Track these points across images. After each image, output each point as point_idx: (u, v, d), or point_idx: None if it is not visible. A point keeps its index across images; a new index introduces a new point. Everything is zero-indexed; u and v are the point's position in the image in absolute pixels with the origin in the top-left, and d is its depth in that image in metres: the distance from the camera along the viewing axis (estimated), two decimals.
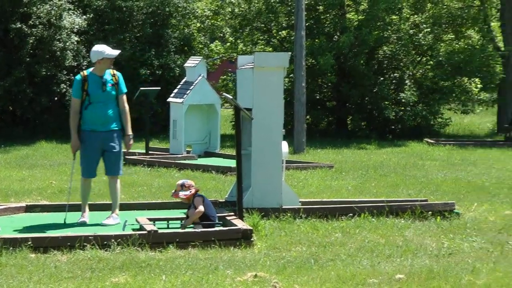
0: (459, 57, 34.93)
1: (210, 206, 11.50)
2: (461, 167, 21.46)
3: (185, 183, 11.60)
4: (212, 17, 36.12)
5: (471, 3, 36.99)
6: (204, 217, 11.22)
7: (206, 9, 36.36)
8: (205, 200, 11.45)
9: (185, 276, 8.60)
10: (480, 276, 8.52)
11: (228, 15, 34.96)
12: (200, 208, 11.18)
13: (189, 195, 11.43)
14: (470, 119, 40.81)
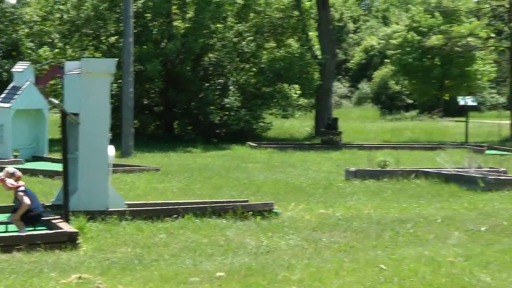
0: (279, 64, 35.70)
1: (34, 197, 11.31)
2: (281, 169, 21.93)
3: (15, 173, 11.31)
4: (41, 23, 35.28)
5: (291, 14, 37.80)
6: (28, 209, 11.04)
7: (35, 15, 35.50)
8: (28, 193, 11.24)
9: (8, 280, 8.37)
10: (295, 272, 8.73)
11: (57, 21, 34.26)
12: (26, 201, 10.96)
13: (14, 186, 11.14)
14: (290, 123, 41.69)
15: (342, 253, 9.92)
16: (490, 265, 9.11)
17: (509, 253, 9.78)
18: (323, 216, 12.99)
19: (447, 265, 9.05)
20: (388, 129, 42.26)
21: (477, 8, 44.28)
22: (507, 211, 13.61)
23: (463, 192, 16.35)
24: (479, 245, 10.45)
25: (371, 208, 14.01)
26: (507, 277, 8.50)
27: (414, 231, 11.53)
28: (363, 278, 8.42)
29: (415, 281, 8.30)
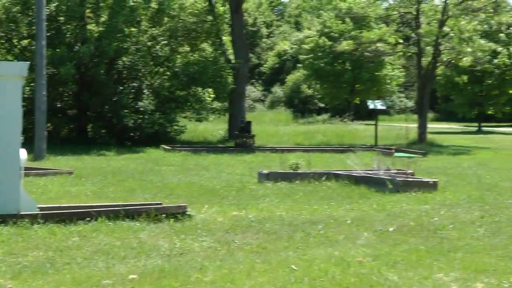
0: (193, 68, 35.71)
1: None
2: (194, 171, 21.90)
3: None
4: None
5: (204, 18, 37.88)
6: None
7: None
8: None
9: None
10: (207, 273, 8.74)
11: None
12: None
13: None
14: (204, 127, 41.69)
15: (254, 254, 9.96)
16: (397, 264, 9.28)
17: (416, 253, 9.98)
18: (236, 218, 13.02)
19: (356, 265, 9.18)
20: (301, 132, 42.64)
21: (386, 15, 45.02)
22: (414, 212, 13.88)
23: (372, 194, 16.60)
24: (387, 245, 10.63)
25: (283, 210, 14.11)
26: (413, 275, 8.67)
27: (325, 232, 11.65)
28: (275, 279, 8.48)
29: (325, 281, 8.40)
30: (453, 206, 14.81)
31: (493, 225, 12.47)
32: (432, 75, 40.28)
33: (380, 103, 38.82)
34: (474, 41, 38.44)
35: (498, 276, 8.71)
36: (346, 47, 41.62)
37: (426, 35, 38.85)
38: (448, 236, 11.43)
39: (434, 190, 17.03)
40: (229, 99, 39.18)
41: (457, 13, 38.04)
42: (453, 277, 8.63)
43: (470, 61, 39.41)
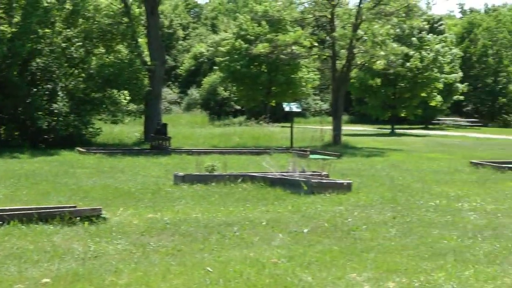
0: (109, 70, 35.40)
1: None
2: (110, 174, 21.70)
3: None
4: None
5: (120, 20, 37.55)
6: None
7: None
8: None
9: None
10: (122, 276, 8.69)
11: None
12: None
13: None
14: (120, 129, 41.32)
15: (169, 257, 9.94)
16: (311, 265, 9.38)
17: (329, 253, 10.10)
18: (151, 220, 12.97)
19: (271, 266, 9.25)
20: (217, 134, 42.64)
21: (301, 18, 45.35)
22: (328, 213, 14.04)
23: (287, 196, 16.72)
24: (302, 246, 10.73)
25: (199, 212, 14.11)
26: (327, 276, 8.78)
27: (240, 234, 11.69)
28: (190, 281, 8.49)
29: (240, 282, 8.44)
30: (366, 207, 15.03)
31: (405, 225, 12.71)
32: (347, 78, 40.78)
33: (295, 105, 39.10)
34: (387, 44, 39.07)
35: (409, 275, 8.88)
36: (262, 49, 41.80)
37: (340, 39, 39.30)
38: (361, 236, 11.60)
39: (348, 191, 17.25)
40: (145, 101, 38.95)
41: (371, 17, 38.58)
42: (365, 277, 8.77)
43: (383, 64, 40.06)
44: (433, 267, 9.28)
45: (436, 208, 15.01)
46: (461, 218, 13.59)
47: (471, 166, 25.24)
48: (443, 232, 11.97)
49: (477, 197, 16.85)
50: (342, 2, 42.17)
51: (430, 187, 18.91)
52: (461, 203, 15.84)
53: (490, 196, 17.21)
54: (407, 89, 59.30)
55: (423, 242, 11.12)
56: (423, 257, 10.00)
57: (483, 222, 13.24)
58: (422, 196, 16.97)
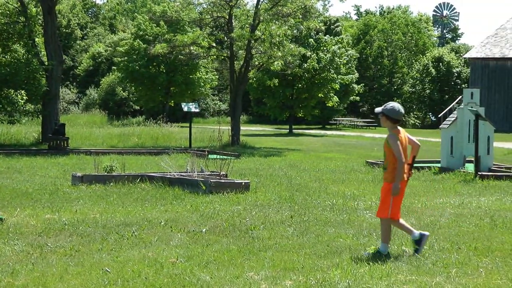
0: (5, 70, 34.70)
1: None
2: (7, 174, 21.30)
3: None
4: None
5: (16, 19, 36.83)
6: None
7: None
8: None
9: None
10: (19, 277, 8.56)
11: None
12: None
13: None
14: (17, 129, 40.52)
15: (67, 257, 9.84)
16: (209, 264, 9.44)
17: (227, 253, 10.17)
18: (49, 221, 12.79)
19: (169, 266, 9.26)
20: (115, 134, 42.27)
21: (199, 19, 45.40)
22: (226, 212, 14.12)
23: (186, 195, 16.73)
24: (200, 245, 10.77)
25: (97, 212, 13.99)
26: (225, 275, 8.84)
27: (139, 234, 11.66)
28: (88, 281, 8.43)
29: (138, 282, 8.43)
30: (264, 206, 15.17)
31: (302, 224, 12.88)
32: (245, 78, 41.00)
33: (194, 105, 39.08)
34: (285, 45, 39.46)
35: (306, 273, 9.02)
36: (160, 50, 41.66)
37: (238, 39, 39.49)
38: (259, 235, 11.71)
39: (246, 191, 17.38)
40: (43, 101, 38.31)
41: (268, 18, 38.89)
42: (263, 275, 8.86)
43: (281, 65, 40.44)
44: (329, 265, 9.45)
45: (333, 207, 15.26)
46: (356, 217, 13.86)
47: (367, 165, 25.75)
48: (339, 231, 12.18)
49: (373, 196, 17.19)
50: (239, 3, 42.38)
51: (327, 187, 19.20)
52: (357, 202, 16.14)
53: None
54: (304, 90, 59.92)
55: (320, 240, 11.30)
56: (319, 255, 10.16)
57: (378, 220, 13.47)
58: (319, 196, 17.22)
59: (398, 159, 10.04)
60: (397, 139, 10.12)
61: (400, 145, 10.08)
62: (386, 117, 10.25)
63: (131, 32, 69.02)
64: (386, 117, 10.26)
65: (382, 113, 10.31)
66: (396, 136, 10.17)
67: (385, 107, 10.36)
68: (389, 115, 10.22)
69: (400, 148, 10.04)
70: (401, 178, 10.11)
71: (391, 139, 10.14)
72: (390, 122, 10.25)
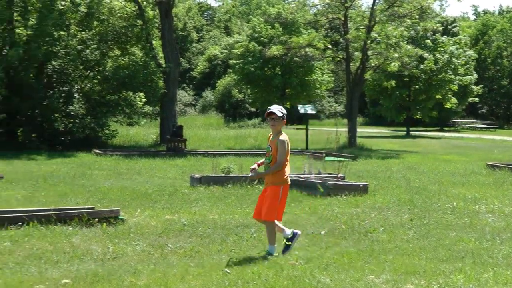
0: (124, 72, 35.51)
1: None
2: (126, 175, 21.78)
3: None
4: None
5: (134, 23, 37.65)
6: None
7: None
8: None
9: None
10: (141, 277, 8.70)
11: None
12: None
13: None
14: (136, 131, 41.43)
15: (187, 258, 9.96)
16: (329, 266, 9.37)
17: (347, 255, 10.08)
18: (168, 222, 12.99)
19: (288, 268, 9.23)
20: (232, 136, 42.70)
21: (314, 20, 45.35)
22: (345, 215, 14.03)
23: (304, 197, 16.72)
24: (319, 248, 10.72)
25: (216, 213, 14.13)
26: (345, 277, 8.76)
27: (258, 236, 11.70)
28: (208, 282, 8.49)
29: (258, 283, 8.44)
30: (383, 209, 15.01)
31: (422, 227, 12.67)
32: (361, 80, 40.73)
33: (310, 107, 39.08)
34: (401, 46, 39.02)
35: (428, 277, 8.85)
36: (276, 52, 41.83)
37: (354, 41, 39.30)
38: (379, 238, 11.58)
39: (365, 193, 17.24)
40: (160, 103, 39.04)
41: (384, 19, 38.55)
42: (383, 279, 8.74)
43: (398, 66, 39.97)
44: (452, 269, 9.24)
45: (454, 210, 14.96)
46: (478, 220, 13.53)
47: (488, 168, 25.16)
48: (461, 234, 11.93)
49: (495, 199, 16.78)
50: (355, 4, 42.15)
51: (447, 189, 18.85)
52: (478, 205, 15.78)
53: (508, 199, 17.14)
54: (421, 91, 59.16)
55: (441, 244, 11.09)
56: (441, 259, 9.96)
57: (501, 224, 13.18)
58: (439, 198, 16.93)
59: None
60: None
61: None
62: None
63: (246, 34, 69.55)
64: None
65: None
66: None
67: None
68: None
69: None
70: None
71: None
72: None
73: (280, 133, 10.24)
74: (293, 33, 58.33)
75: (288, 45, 42.56)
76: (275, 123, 10.22)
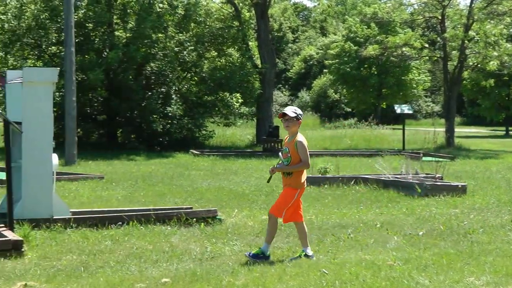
0: (220, 73, 35.79)
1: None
2: (223, 176, 21.94)
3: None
4: None
5: (231, 24, 37.93)
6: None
7: None
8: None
9: None
10: (239, 277, 8.73)
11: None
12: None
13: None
14: (232, 131, 41.71)
15: (285, 258, 9.96)
16: (428, 268, 9.23)
17: (446, 256, 9.92)
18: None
19: (386, 269, 9.14)
20: (328, 136, 42.56)
21: (411, 19, 44.87)
22: (443, 215, 13.81)
23: (401, 198, 16.55)
24: (417, 248, 10.58)
25: (313, 214, 14.10)
26: (444, 279, 8.62)
27: (355, 236, 11.63)
28: (306, 282, 8.46)
29: (356, 284, 8.37)
30: (483, 210, 14.72)
31: None
32: (459, 79, 40.07)
33: (407, 107, 38.67)
34: (500, 45, 38.20)
35: None
36: (372, 51, 41.52)
37: (451, 40, 38.71)
38: (478, 240, 11.36)
39: (463, 194, 16.94)
40: (257, 104, 39.23)
41: (482, 17, 37.82)
42: (484, 281, 8.57)
43: (497, 65, 39.13)
44: None
45: None
46: None
47: None
48: None
49: None
50: (452, 3, 41.49)
51: None
52: None
53: None
54: None
55: None
56: None
57: None
58: None
59: None
60: None
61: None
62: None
63: (342, 34, 69.28)
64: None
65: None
66: None
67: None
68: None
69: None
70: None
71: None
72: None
73: (296, 135, 10.18)
74: (389, 32, 57.79)
75: (384, 44, 42.16)
76: (289, 124, 10.16)
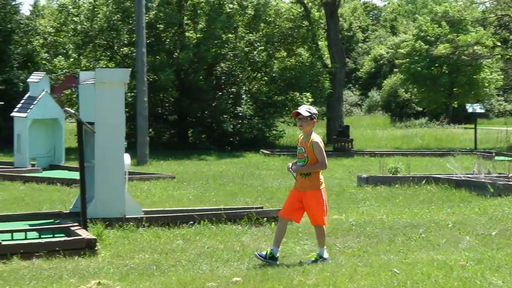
0: (290, 73, 35.76)
1: None
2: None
3: None
4: (55, 34, 35.34)
5: (300, 24, 37.88)
6: None
7: (49, 26, 35.65)
8: None
9: (29, 286, 8.37)
10: (310, 276, 8.70)
11: (71, 32, 34.26)
12: None
13: None
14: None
15: (356, 258, 9.90)
16: (501, 268, 9.07)
17: None
18: (336, 221, 12.97)
19: (458, 269, 9.00)
20: (399, 136, 42.21)
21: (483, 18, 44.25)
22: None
23: (473, 198, 16.31)
24: (490, 249, 10.40)
25: (384, 213, 14.00)
26: None
27: (426, 236, 11.50)
28: (377, 282, 8.39)
29: (428, 284, 8.26)
30: None
31: None
32: None
33: (478, 106, 38.10)
34: None
35: None
36: (443, 50, 41.08)
37: None
38: None
39: None
40: (327, 104, 39.12)
41: None
42: None
43: None
44: None
45: None
46: None
47: None
48: None
49: None
50: None
51: None
52: None
53: None
54: None
55: None
56: None
57: None
58: None
59: None
60: None
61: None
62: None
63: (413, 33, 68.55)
64: None
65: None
66: None
67: None
68: None
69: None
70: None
71: None
72: None
73: (311, 134, 10.13)
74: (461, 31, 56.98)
75: (455, 43, 41.70)
76: (303, 123, 10.09)
